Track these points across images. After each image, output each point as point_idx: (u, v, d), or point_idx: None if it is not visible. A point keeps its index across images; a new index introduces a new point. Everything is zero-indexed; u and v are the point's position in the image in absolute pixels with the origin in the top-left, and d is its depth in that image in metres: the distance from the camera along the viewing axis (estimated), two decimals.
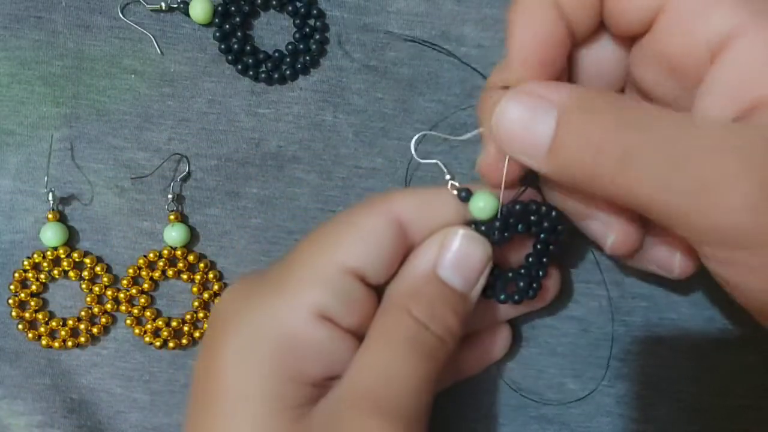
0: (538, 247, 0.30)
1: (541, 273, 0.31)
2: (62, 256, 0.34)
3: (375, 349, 0.27)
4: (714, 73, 0.25)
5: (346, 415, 0.26)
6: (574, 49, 0.28)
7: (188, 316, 0.35)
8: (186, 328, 0.35)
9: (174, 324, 0.35)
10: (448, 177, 0.29)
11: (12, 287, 0.34)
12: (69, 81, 0.35)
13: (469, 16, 0.35)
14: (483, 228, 0.29)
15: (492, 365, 0.35)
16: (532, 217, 0.29)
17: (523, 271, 0.31)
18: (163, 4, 0.34)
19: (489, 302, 0.31)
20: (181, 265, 0.35)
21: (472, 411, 0.35)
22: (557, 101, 0.25)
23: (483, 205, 0.28)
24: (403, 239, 0.28)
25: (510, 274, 0.30)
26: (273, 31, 0.35)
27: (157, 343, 0.35)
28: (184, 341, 0.35)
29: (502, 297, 0.30)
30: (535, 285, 0.31)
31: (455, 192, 0.29)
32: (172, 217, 0.34)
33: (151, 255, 0.35)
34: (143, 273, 0.35)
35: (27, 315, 0.34)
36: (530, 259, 0.30)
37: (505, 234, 0.29)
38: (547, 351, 0.35)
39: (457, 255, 0.28)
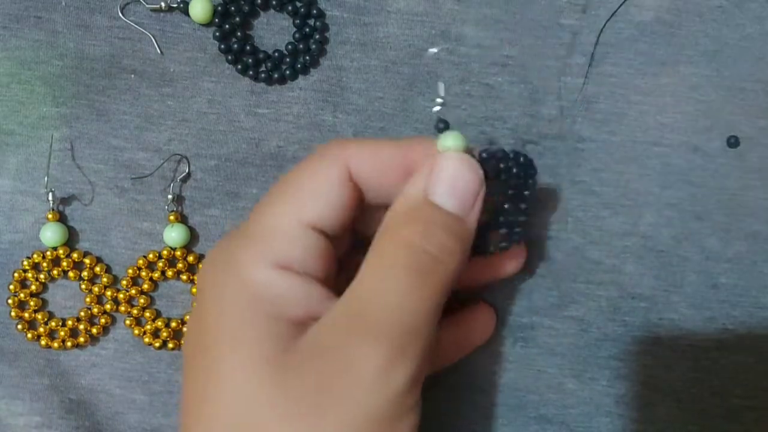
0: (511, 192, 0.30)
1: (524, 218, 0.30)
2: (62, 256, 0.34)
3: (368, 274, 0.27)
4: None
5: (336, 338, 0.26)
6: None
7: (188, 317, 0.35)
8: (185, 329, 0.35)
9: (173, 325, 0.35)
10: (439, 100, 0.29)
11: (11, 287, 0.34)
12: (69, 81, 0.35)
13: (469, 16, 0.35)
14: (484, 155, 0.29)
15: (492, 365, 0.35)
16: (502, 165, 0.29)
17: (502, 219, 0.30)
18: (162, 4, 0.34)
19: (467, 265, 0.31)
20: (180, 265, 0.35)
21: (472, 411, 0.35)
22: None
23: (451, 144, 0.28)
24: (354, 188, 0.29)
25: (498, 221, 0.30)
26: (273, 31, 0.35)
27: (157, 344, 0.35)
28: (184, 342, 0.35)
29: (491, 249, 0.30)
30: (518, 230, 0.30)
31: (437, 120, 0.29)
32: (171, 217, 0.34)
33: (151, 255, 0.35)
34: (143, 273, 0.35)
35: (26, 315, 0.34)
36: (506, 206, 0.30)
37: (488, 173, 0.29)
38: (546, 351, 0.35)
39: (450, 178, 0.28)
